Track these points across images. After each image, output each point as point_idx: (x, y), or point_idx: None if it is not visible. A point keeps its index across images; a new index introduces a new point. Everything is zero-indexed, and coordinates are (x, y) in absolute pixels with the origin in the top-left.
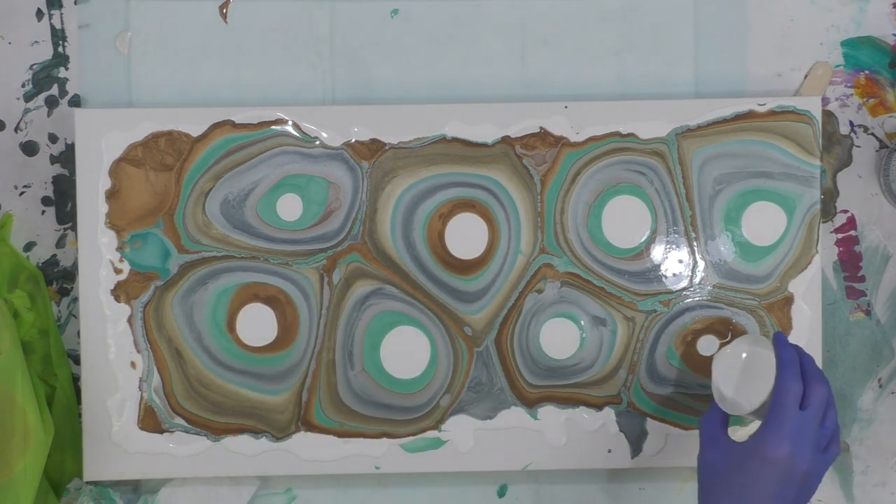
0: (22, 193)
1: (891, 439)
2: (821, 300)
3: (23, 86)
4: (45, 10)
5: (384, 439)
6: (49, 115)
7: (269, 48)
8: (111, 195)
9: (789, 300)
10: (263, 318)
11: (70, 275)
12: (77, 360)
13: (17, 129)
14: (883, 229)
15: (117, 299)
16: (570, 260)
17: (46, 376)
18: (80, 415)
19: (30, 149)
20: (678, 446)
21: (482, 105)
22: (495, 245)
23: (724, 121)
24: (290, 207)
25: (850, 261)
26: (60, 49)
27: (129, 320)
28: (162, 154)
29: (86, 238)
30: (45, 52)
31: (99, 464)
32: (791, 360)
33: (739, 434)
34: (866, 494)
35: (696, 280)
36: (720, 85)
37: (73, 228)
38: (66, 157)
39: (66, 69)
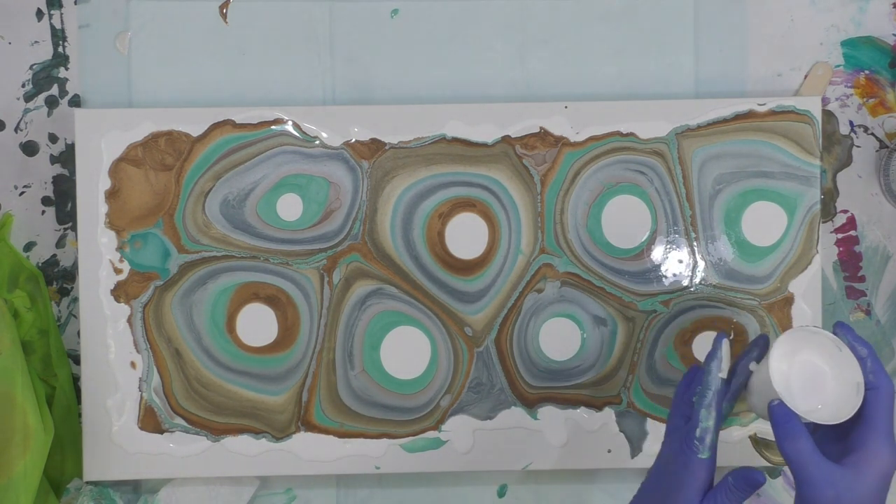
0: (22, 193)
1: None
2: (821, 300)
3: (23, 86)
4: (45, 10)
5: (384, 439)
6: (49, 115)
7: (269, 48)
8: (111, 195)
9: (789, 300)
10: (264, 318)
11: (70, 275)
12: (77, 360)
13: (17, 129)
14: (883, 229)
15: (117, 299)
16: (569, 260)
17: (46, 376)
18: (80, 415)
19: (30, 149)
20: None
21: (482, 105)
22: (496, 245)
23: (724, 121)
24: (290, 207)
25: (850, 261)
26: (60, 49)
27: (129, 320)
28: (162, 154)
29: (86, 238)
30: (45, 52)
31: (99, 464)
32: (873, 353)
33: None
34: None
35: (697, 280)
36: (720, 85)
37: (73, 228)
38: (66, 157)
39: (66, 69)
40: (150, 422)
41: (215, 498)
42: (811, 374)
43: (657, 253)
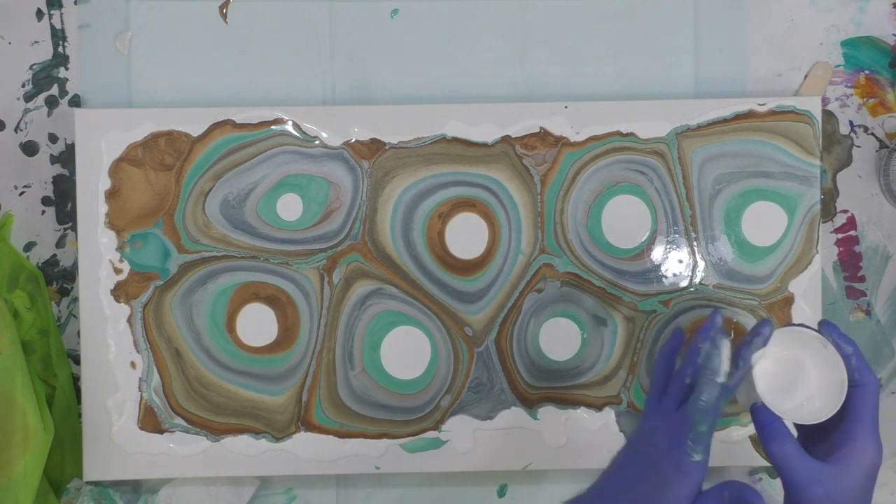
0: (22, 193)
1: (891, 439)
2: (821, 300)
3: (23, 86)
4: (45, 10)
5: (384, 439)
6: (49, 115)
7: (269, 48)
8: (111, 195)
9: (789, 300)
10: (264, 318)
11: (70, 275)
12: (77, 360)
13: (17, 129)
14: (883, 229)
15: (117, 299)
16: (570, 260)
17: (46, 376)
18: (80, 415)
19: (30, 149)
20: None
21: (482, 105)
22: (496, 245)
23: (724, 121)
24: (290, 207)
25: (850, 261)
26: (60, 49)
27: (129, 320)
28: (162, 154)
29: (86, 238)
30: (45, 52)
31: (99, 464)
32: (857, 351)
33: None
34: None
35: (697, 280)
36: (720, 85)
37: (73, 228)
38: (66, 157)
39: (66, 69)
40: (150, 422)
41: (215, 498)
42: (795, 373)
43: (657, 253)
